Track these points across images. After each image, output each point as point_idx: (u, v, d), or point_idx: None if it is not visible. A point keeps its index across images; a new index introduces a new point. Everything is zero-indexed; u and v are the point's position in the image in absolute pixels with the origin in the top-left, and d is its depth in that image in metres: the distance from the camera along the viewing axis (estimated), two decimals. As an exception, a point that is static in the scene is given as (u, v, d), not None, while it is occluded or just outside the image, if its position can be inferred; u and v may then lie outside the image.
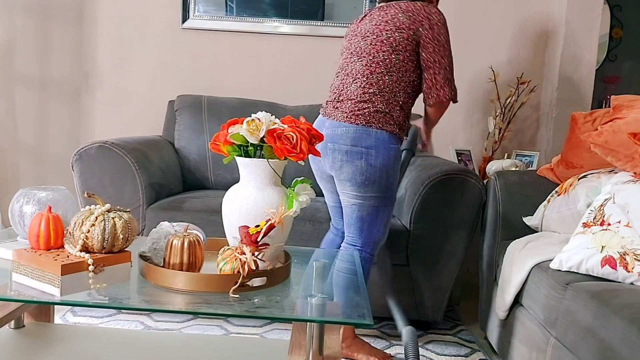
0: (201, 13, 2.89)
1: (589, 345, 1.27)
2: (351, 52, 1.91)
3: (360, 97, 1.84)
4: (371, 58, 1.85)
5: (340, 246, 1.95)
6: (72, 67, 2.94)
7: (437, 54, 1.82)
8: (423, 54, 1.83)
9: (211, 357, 1.48)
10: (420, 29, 1.81)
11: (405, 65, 1.83)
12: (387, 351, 1.99)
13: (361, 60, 1.87)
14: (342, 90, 1.90)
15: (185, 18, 2.89)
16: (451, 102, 1.90)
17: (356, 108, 1.84)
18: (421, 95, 1.94)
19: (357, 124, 1.81)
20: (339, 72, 1.95)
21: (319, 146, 1.76)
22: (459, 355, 2.00)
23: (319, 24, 2.87)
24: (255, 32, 2.90)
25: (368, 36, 1.87)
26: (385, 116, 1.83)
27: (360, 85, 1.85)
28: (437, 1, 2.00)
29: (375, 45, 1.84)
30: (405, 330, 1.59)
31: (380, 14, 1.88)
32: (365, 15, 1.94)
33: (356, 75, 1.87)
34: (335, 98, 1.91)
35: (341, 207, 1.95)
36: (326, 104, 1.96)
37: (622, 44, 4.13)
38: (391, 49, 1.82)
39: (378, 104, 1.83)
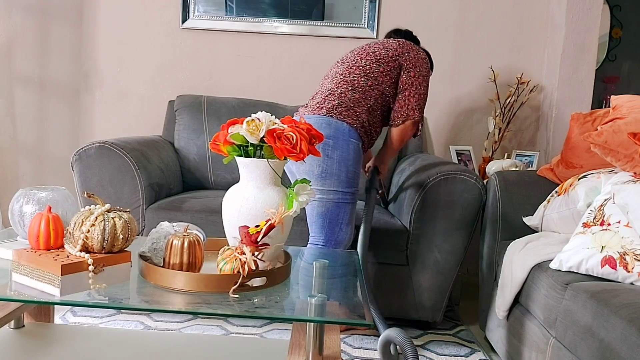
0: (201, 13, 2.89)
1: (589, 345, 1.27)
2: (337, 63, 2.07)
3: (331, 90, 1.93)
4: (353, 63, 1.98)
5: None
6: (71, 67, 2.94)
7: (416, 79, 1.96)
8: (403, 76, 1.96)
9: (211, 357, 1.48)
10: (406, 54, 1.97)
11: (383, 77, 1.94)
12: (387, 351, 1.99)
13: (344, 64, 2.00)
14: (319, 90, 2.02)
15: (185, 18, 2.89)
16: (414, 132, 2.03)
17: (323, 100, 1.92)
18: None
19: (318, 115, 1.87)
20: (321, 83, 2.09)
21: None
22: (459, 355, 2.00)
23: (318, 24, 2.87)
24: (255, 32, 2.90)
25: (356, 50, 2.03)
26: (349, 110, 1.88)
27: (335, 82, 1.96)
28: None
29: (361, 54, 2.00)
30: (393, 330, 1.56)
31: (372, 43, 2.06)
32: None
33: (334, 75, 2.00)
34: (313, 97, 2.01)
35: None
36: (305, 106, 2.04)
37: (622, 44, 4.13)
38: (374, 59, 1.96)
39: (345, 99, 1.90)
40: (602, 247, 1.46)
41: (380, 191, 2.22)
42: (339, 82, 1.95)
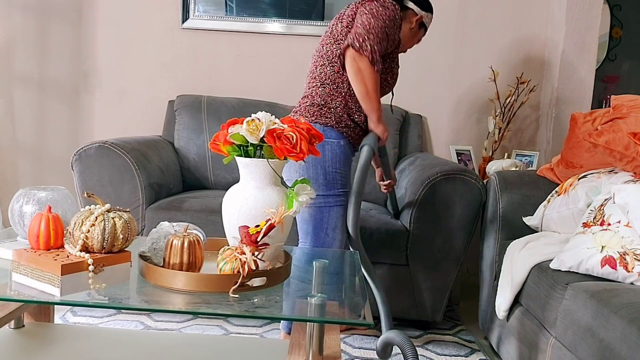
0: (201, 13, 2.89)
1: (589, 345, 1.27)
2: (312, 55, 2.00)
3: (305, 91, 1.91)
4: (317, 54, 1.92)
5: None
6: (71, 66, 2.94)
7: (361, 16, 1.77)
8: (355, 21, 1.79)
9: (211, 357, 1.48)
10: (357, 14, 1.80)
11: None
12: (387, 351, 1.99)
13: (312, 58, 1.95)
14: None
15: (185, 18, 2.89)
16: (368, 65, 1.75)
17: (299, 104, 1.90)
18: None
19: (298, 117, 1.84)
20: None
21: None
22: (459, 355, 2.00)
23: (318, 24, 2.86)
24: (254, 32, 2.90)
25: (322, 37, 1.94)
26: (322, 109, 1.83)
27: (307, 80, 1.92)
28: (414, 37, 2.00)
29: (323, 40, 1.91)
30: (392, 332, 1.55)
31: (332, 22, 1.92)
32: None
33: (308, 73, 1.95)
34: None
35: None
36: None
37: (622, 43, 4.13)
38: (333, 39, 1.85)
39: (316, 97, 1.85)
40: (602, 247, 1.46)
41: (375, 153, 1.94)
42: (310, 81, 1.91)
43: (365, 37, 1.74)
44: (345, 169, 1.83)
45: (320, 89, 1.85)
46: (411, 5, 1.96)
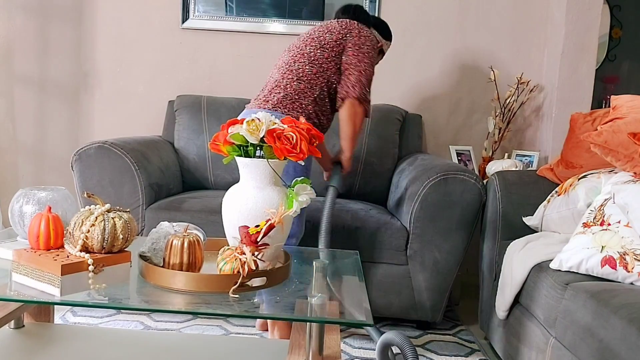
0: (201, 13, 2.89)
1: (588, 345, 1.27)
2: (285, 52, 2.06)
3: (277, 82, 1.94)
4: (298, 51, 1.98)
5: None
6: (71, 67, 2.94)
7: (355, 57, 1.94)
8: (344, 57, 1.95)
9: (211, 357, 1.48)
10: (347, 35, 1.96)
11: (327, 63, 1.93)
12: (387, 351, 2.00)
13: (290, 53, 2.01)
14: (267, 81, 2.02)
15: (185, 18, 2.89)
16: (363, 111, 1.96)
17: (269, 93, 1.93)
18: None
19: (265, 109, 1.89)
20: (270, 72, 2.09)
21: None
22: (459, 355, 2.00)
23: (318, 24, 2.86)
24: (254, 32, 2.90)
25: (302, 36, 2.03)
26: (294, 103, 1.89)
27: (281, 72, 1.96)
28: (380, 51, 2.20)
29: (306, 40, 1.99)
30: (390, 333, 1.54)
31: (318, 27, 2.05)
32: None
33: (281, 65, 2.00)
34: (261, 90, 2.02)
35: None
36: (255, 98, 2.04)
37: (622, 43, 4.13)
38: (319, 45, 1.94)
39: (290, 90, 1.90)
40: (602, 247, 1.46)
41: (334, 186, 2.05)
42: (285, 72, 1.95)
43: (366, 86, 1.96)
44: (309, 161, 1.98)
45: (295, 84, 1.91)
46: (375, 33, 2.14)
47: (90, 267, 1.13)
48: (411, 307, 2.14)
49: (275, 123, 1.29)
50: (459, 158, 2.75)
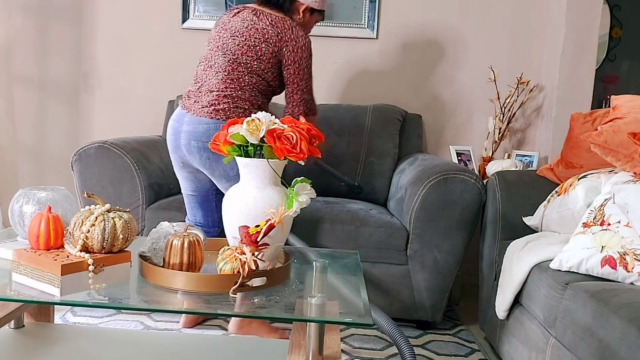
0: (201, 13, 2.89)
1: (588, 345, 1.27)
2: (217, 47, 1.98)
3: (221, 90, 1.92)
4: (235, 58, 1.93)
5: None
6: (71, 67, 2.94)
7: (296, 76, 1.96)
8: (284, 72, 1.97)
9: (211, 357, 1.48)
10: (284, 49, 1.93)
11: (266, 73, 1.94)
12: (386, 352, 2.00)
13: (225, 57, 1.95)
14: (204, 80, 1.97)
15: (185, 18, 2.89)
16: (312, 119, 2.02)
17: (216, 102, 1.91)
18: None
19: (218, 119, 1.88)
20: (201, 62, 2.03)
21: (182, 142, 1.92)
22: (459, 355, 2.00)
23: (318, 24, 2.86)
24: (255, 32, 2.89)
25: (237, 36, 1.95)
26: (245, 112, 1.91)
27: (222, 79, 1.93)
28: (307, 25, 2.11)
29: (242, 48, 1.93)
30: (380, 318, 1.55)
31: (252, 18, 1.95)
32: (239, 12, 2.00)
33: (219, 69, 1.95)
34: (197, 88, 1.98)
35: (200, 196, 2.05)
36: (187, 95, 2.01)
37: (622, 43, 4.13)
38: (255, 56, 1.92)
39: (238, 100, 1.91)
40: (602, 247, 1.46)
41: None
42: (226, 80, 1.92)
43: (310, 99, 2.02)
44: None
45: (239, 92, 1.92)
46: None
47: (90, 267, 1.13)
48: (411, 307, 2.14)
49: (275, 123, 1.29)
50: (459, 158, 2.75)
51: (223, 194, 1.98)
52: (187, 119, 1.92)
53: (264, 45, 1.92)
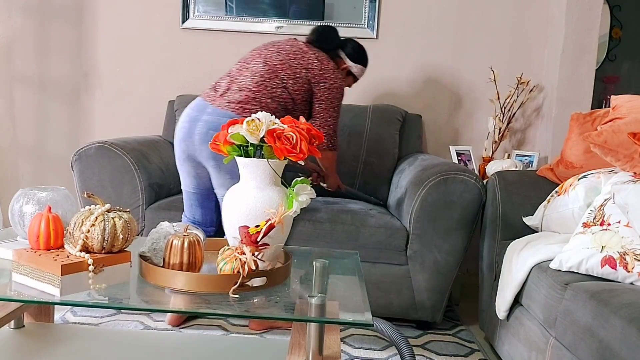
0: (201, 13, 2.89)
1: (588, 345, 1.27)
2: (260, 55, 2.07)
3: (253, 92, 1.97)
4: (274, 70, 2.02)
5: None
6: (71, 67, 2.94)
7: (326, 112, 2.08)
8: (315, 105, 2.08)
9: (211, 357, 1.48)
10: (321, 83, 2.07)
11: (297, 95, 2.03)
12: (386, 352, 2.00)
13: (265, 65, 2.03)
14: (237, 78, 2.02)
15: (185, 18, 2.89)
16: (333, 153, 2.18)
17: (245, 101, 1.95)
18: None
19: (243, 117, 1.88)
20: (239, 62, 2.09)
21: (197, 130, 1.93)
22: (459, 355, 2.00)
23: (319, 24, 2.86)
24: (255, 32, 2.89)
25: (282, 54, 2.06)
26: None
27: (256, 82, 1.99)
28: (349, 72, 2.29)
29: (284, 65, 2.03)
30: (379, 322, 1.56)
31: (302, 47, 2.10)
32: (289, 40, 2.14)
33: (255, 73, 2.01)
34: (227, 83, 2.02)
35: (201, 194, 2.06)
36: (213, 87, 2.05)
37: (622, 44, 4.13)
38: (293, 76, 2.02)
39: (265, 108, 1.96)
40: (602, 247, 1.46)
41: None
42: (259, 85, 1.98)
43: (334, 134, 2.12)
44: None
45: (268, 101, 1.98)
46: (342, 55, 2.25)
47: (90, 267, 1.13)
48: (411, 307, 2.14)
49: (275, 123, 1.29)
50: (459, 158, 2.75)
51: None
52: (210, 110, 1.95)
53: (304, 71, 2.03)
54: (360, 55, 2.29)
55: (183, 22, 2.89)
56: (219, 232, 2.13)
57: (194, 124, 1.95)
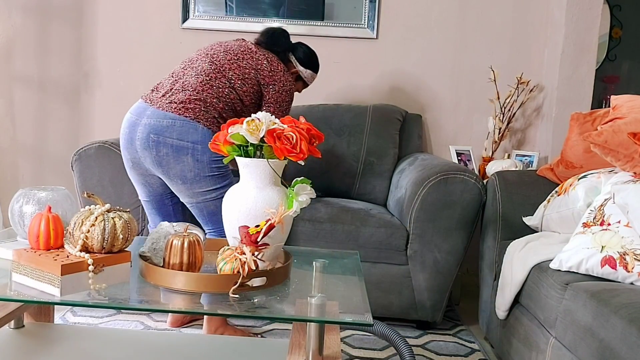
0: (201, 13, 2.89)
1: (588, 345, 1.27)
2: (206, 54, 2.01)
3: (197, 91, 1.89)
4: (221, 69, 1.95)
5: None
6: (71, 67, 2.94)
7: (275, 115, 1.98)
8: (263, 108, 2.02)
9: (211, 357, 1.48)
10: (270, 86, 1.99)
11: (245, 96, 1.96)
12: (385, 352, 2.00)
13: (212, 65, 1.95)
14: (180, 78, 1.95)
15: (185, 18, 2.89)
16: None
17: (188, 101, 1.87)
18: None
19: (186, 117, 1.83)
20: (183, 62, 2.04)
21: (137, 136, 1.84)
22: (459, 355, 2.00)
23: (318, 24, 2.86)
24: (255, 32, 2.87)
25: (230, 53, 1.99)
26: (215, 119, 1.88)
27: (200, 82, 1.91)
28: (299, 77, 2.22)
29: (231, 64, 1.96)
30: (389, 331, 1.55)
31: (251, 47, 2.04)
32: (238, 40, 2.09)
33: (200, 72, 1.94)
34: (170, 83, 1.95)
35: (155, 201, 2.00)
36: (155, 88, 1.98)
37: (622, 43, 4.13)
38: (241, 75, 1.95)
39: (210, 107, 1.88)
40: (602, 247, 1.46)
41: None
42: (205, 84, 1.90)
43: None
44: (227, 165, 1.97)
45: (215, 100, 1.90)
46: (292, 58, 2.18)
47: (90, 267, 1.13)
48: (411, 307, 2.14)
49: (275, 123, 1.29)
50: (459, 158, 2.75)
51: (179, 198, 1.94)
52: (150, 112, 1.85)
53: (253, 72, 1.97)
54: (310, 61, 2.22)
55: (183, 22, 2.89)
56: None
57: (134, 128, 1.85)
